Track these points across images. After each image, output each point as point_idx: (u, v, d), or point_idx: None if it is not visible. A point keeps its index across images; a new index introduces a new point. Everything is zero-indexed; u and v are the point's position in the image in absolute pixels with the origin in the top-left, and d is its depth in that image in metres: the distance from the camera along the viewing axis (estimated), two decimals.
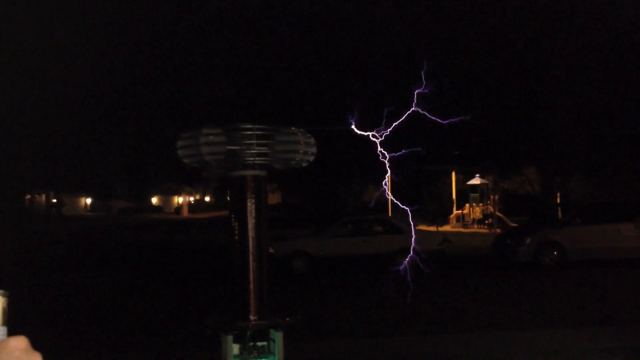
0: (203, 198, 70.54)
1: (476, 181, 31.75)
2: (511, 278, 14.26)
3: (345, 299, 11.81)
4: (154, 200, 69.31)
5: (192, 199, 70.16)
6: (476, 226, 31.01)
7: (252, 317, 3.27)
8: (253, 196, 3.32)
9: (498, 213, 30.19)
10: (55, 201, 58.49)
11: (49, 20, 23.11)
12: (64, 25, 23.45)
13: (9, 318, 0.96)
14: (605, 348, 7.07)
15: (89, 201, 67.05)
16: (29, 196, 53.09)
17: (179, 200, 68.61)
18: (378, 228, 17.09)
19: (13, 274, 15.18)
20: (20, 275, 15.17)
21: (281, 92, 27.48)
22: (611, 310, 9.74)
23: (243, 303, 3.30)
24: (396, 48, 24.28)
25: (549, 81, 24.90)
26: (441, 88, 19.29)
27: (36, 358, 0.90)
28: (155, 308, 11.33)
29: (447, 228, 30.87)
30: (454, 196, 34.42)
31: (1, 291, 0.97)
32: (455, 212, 33.48)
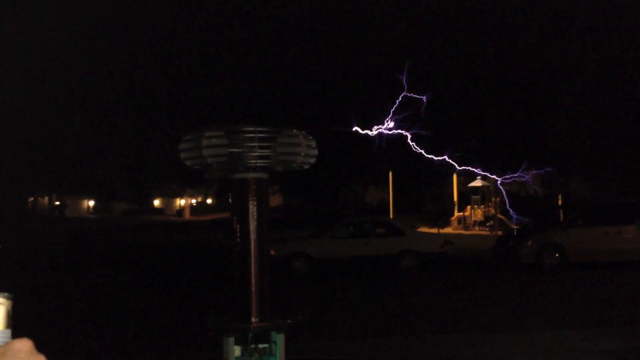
0: (205, 200, 70.53)
1: (477, 183, 31.75)
2: (512, 280, 14.26)
3: (346, 301, 11.82)
4: (156, 202, 69.32)
5: (194, 201, 70.16)
6: (477, 228, 30.99)
7: (254, 319, 3.28)
8: (255, 198, 3.33)
9: (499, 215, 30.18)
10: (58, 203, 58.55)
11: (51, 22, 23.16)
12: (66, 28, 23.50)
13: (13, 321, 0.97)
14: (606, 349, 7.07)
15: (92, 203, 67.10)
16: (32, 198, 53.17)
17: (181, 202, 68.61)
18: (379, 230, 17.09)
19: (16, 276, 15.21)
20: (23, 276, 15.19)
21: (282, 94, 27.51)
22: (612, 311, 9.73)
23: (244, 305, 3.31)
24: (397, 48, 24.30)
25: (551, 82, 24.90)
26: (442, 90, 19.38)
27: None
28: (156, 309, 11.35)
29: (449, 230, 30.86)
30: (455, 198, 34.41)
31: (5, 294, 0.98)
32: (456, 214, 33.48)
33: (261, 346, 3.33)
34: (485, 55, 24.14)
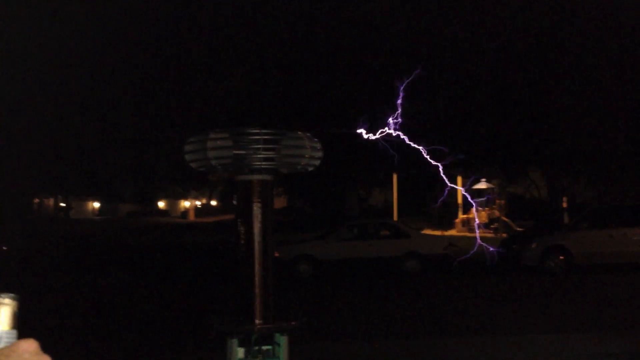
0: (209, 202, 70.60)
1: (482, 185, 31.69)
2: (516, 282, 14.23)
3: (350, 303, 11.81)
4: (161, 204, 69.44)
5: (199, 203, 70.26)
6: (482, 230, 30.93)
7: (258, 321, 3.28)
8: (259, 200, 3.34)
9: (504, 217, 30.12)
10: (63, 205, 58.69)
11: (54, 24, 23.24)
12: (71, 31, 23.58)
13: (19, 321, 0.98)
14: (610, 353, 7.05)
15: (97, 205, 67.23)
16: (37, 200, 53.30)
17: (186, 204, 68.71)
18: (383, 232, 17.09)
19: (21, 277, 15.24)
20: (28, 278, 15.22)
21: (287, 96, 27.52)
22: (617, 315, 9.70)
23: (248, 307, 3.32)
24: (401, 49, 24.28)
25: (555, 84, 24.84)
26: (446, 91, 19.39)
27: None
28: (160, 311, 11.36)
29: (453, 232, 30.80)
30: (460, 200, 34.35)
31: (11, 295, 0.98)
32: (460, 216, 33.41)
33: (265, 348, 3.33)
34: (490, 55, 24.10)
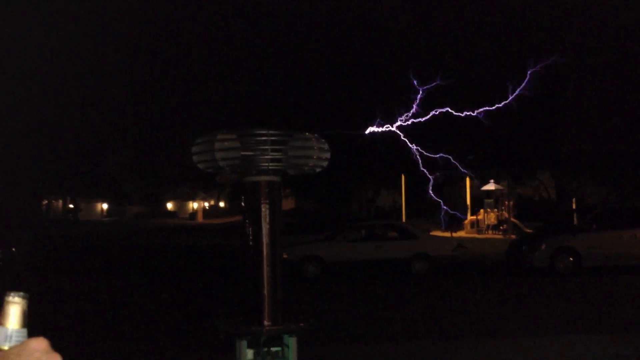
0: (217, 203, 70.75)
1: (491, 187, 31.60)
2: (525, 284, 14.17)
3: (358, 304, 11.80)
4: (169, 205, 69.64)
5: (207, 204, 70.41)
6: (491, 232, 30.83)
7: (266, 323, 3.28)
8: (267, 201, 3.34)
9: (513, 219, 30.02)
10: (71, 206, 58.93)
11: (62, 24, 23.34)
12: (79, 33, 23.68)
13: (29, 320, 0.98)
14: (618, 354, 7.01)
15: (105, 206, 67.48)
16: (46, 202, 53.52)
17: (194, 205, 68.87)
18: (391, 233, 17.06)
19: (30, 279, 15.31)
20: (36, 279, 15.28)
21: (295, 97, 27.54)
22: (625, 316, 9.65)
23: (257, 308, 3.32)
24: (409, 49, 24.27)
25: (564, 85, 24.73)
26: (455, 90, 19.33)
27: (56, 359, 0.92)
28: (168, 312, 11.38)
29: (462, 234, 30.72)
30: (469, 202, 34.27)
31: (21, 294, 0.99)
32: (469, 218, 33.33)
33: (273, 349, 3.33)
34: (494, 55, 24.03)
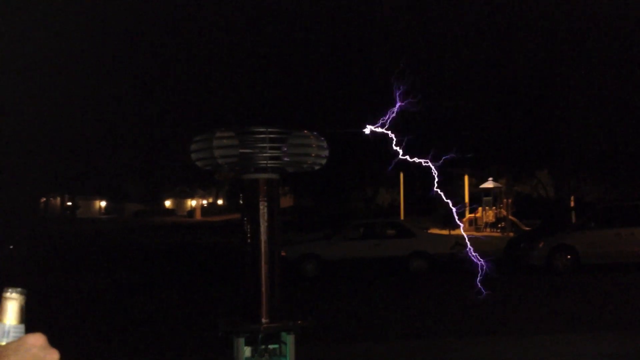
0: (216, 201, 70.75)
1: (489, 184, 31.62)
2: (523, 282, 14.18)
3: (356, 303, 11.80)
4: (168, 203, 69.63)
5: (205, 202, 70.40)
6: (489, 230, 30.86)
7: (264, 320, 3.29)
8: (265, 199, 3.34)
9: (511, 217, 30.04)
10: (70, 204, 58.90)
11: (62, 23, 23.30)
12: (77, 31, 23.63)
13: (27, 316, 0.99)
14: (614, 353, 7.02)
15: (103, 204, 67.46)
16: (44, 199, 53.45)
17: (192, 203, 68.86)
18: (389, 231, 17.07)
19: (27, 276, 15.30)
20: (34, 277, 15.27)
21: (294, 95, 27.53)
22: (623, 315, 9.67)
23: (255, 306, 3.32)
24: (407, 48, 24.26)
25: (562, 83, 24.75)
26: (453, 90, 19.37)
27: (54, 355, 0.92)
28: (166, 310, 11.38)
29: (460, 231, 30.72)
30: (467, 199, 34.28)
31: (19, 289, 0.99)
32: (467, 216, 33.35)
33: (271, 347, 3.33)
34: (498, 55, 24.04)
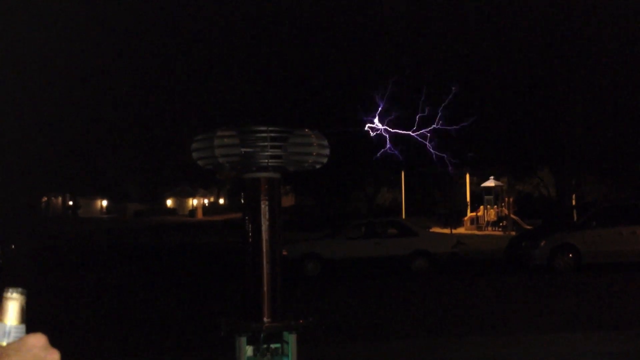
0: (217, 200, 70.76)
1: (490, 183, 31.62)
2: (525, 281, 14.17)
3: (357, 302, 11.80)
4: (169, 202, 69.64)
5: (207, 202, 70.41)
6: (490, 228, 30.87)
7: (266, 319, 3.28)
8: (267, 198, 3.34)
9: (512, 215, 30.04)
10: (71, 204, 58.93)
11: (62, 23, 23.30)
12: (77, 30, 23.63)
13: (27, 316, 0.98)
14: (615, 353, 7.01)
15: (105, 204, 67.47)
16: (45, 199, 53.50)
17: (194, 202, 68.87)
18: (391, 230, 17.05)
19: (29, 276, 15.31)
20: (35, 276, 15.28)
21: (295, 94, 27.53)
22: (624, 314, 9.65)
23: (256, 305, 3.32)
24: (408, 47, 24.23)
25: (563, 82, 24.71)
26: (455, 89, 19.34)
27: (55, 355, 0.92)
28: (167, 310, 11.38)
29: (461, 230, 30.74)
30: (468, 198, 34.29)
31: (19, 289, 0.99)
32: (469, 215, 33.36)
33: (273, 346, 3.33)
34: (499, 55, 24.01)
